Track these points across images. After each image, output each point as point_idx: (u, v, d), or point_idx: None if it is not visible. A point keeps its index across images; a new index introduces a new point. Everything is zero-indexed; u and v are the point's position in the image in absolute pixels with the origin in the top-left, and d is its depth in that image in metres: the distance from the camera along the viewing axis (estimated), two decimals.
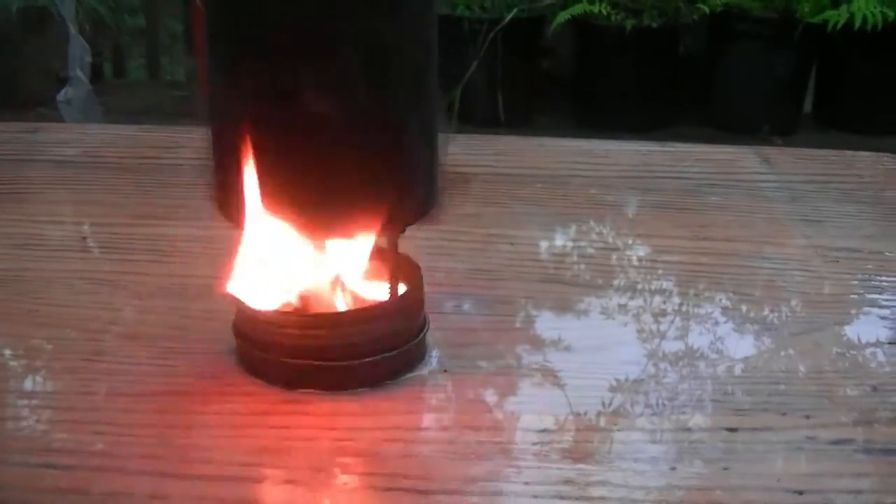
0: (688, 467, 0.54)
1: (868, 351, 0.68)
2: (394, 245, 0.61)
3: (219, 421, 0.59)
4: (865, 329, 0.71)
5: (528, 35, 3.68)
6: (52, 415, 0.60)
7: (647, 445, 0.57)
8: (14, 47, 3.95)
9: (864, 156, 1.09)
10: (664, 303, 0.75)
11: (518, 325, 0.72)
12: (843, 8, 3.53)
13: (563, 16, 3.55)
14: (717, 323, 0.72)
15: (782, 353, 0.68)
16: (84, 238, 0.86)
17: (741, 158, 1.07)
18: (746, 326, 0.71)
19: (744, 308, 0.74)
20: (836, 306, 0.75)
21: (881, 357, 0.67)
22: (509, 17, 3.50)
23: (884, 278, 0.79)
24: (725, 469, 0.54)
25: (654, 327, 0.71)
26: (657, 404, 0.61)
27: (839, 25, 3.48)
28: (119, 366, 0.65)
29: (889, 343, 0.69)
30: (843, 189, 0.99)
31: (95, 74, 3.97)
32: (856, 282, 0.79)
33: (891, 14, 3.47)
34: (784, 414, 0.59)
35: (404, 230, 0.61)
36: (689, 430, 0.58)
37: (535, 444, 0.57)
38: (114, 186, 0.97)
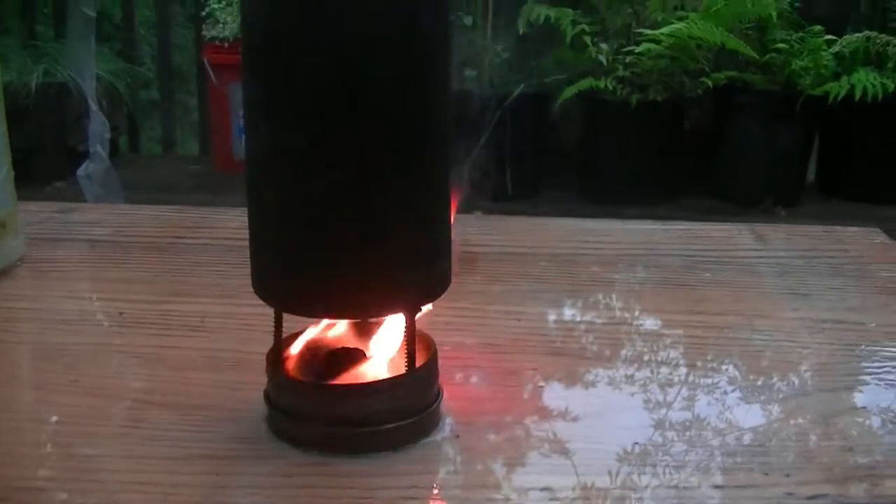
0: None
1: (846, 415, 0.73)
2: (411, 322, 0.66)
3: (253, 481, 0.64)
4: (845, 395, 0.77)
5: (535, 110, 3.75)
6: (99, 475, 0.65)
7: (639, 500, 0.62)
8: (32, 122, 4.02)
9: (853, 231, 1.15)
10: (662, 373, 0.81)
11: (525, 394, 0.78)
12: (844, 80, 3.60)
13: (569, 91, 3.62)
14: (709, 391, 0.78)
15: (768, 418, 0.73)
16: (121, 314, 0.91)
17: (736, 235, 1.13)
18: (736, 393, 0.77)
19: (734, 376, 0.80)
20: (819, 374, 0.81)
21: (858, 420, 0.73)
22: (516, 92, 3.57)
23: (864, 347, 0.85)
24: None
25: (652, 396, 0.77)
26: (653, 464, 0.66)
27: (840, 97, 3.55)
28: (159, 432, 0.70)
29: (863, 408, 0.74)
30: (830, 263, 1.05)
31: (112, 149, 4.04)
32: (838, 351, 0.84)
33: (891, 85, 3.54)
34: (766, 473, 0.65)
35: (421, 309, 0.67)
36: (679, 487, 0.63)
37: (539, 499, 0.62)
38: (145, 265, 1.04)
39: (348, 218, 0.62)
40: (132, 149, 4.97)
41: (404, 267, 0.64)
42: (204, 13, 4.43)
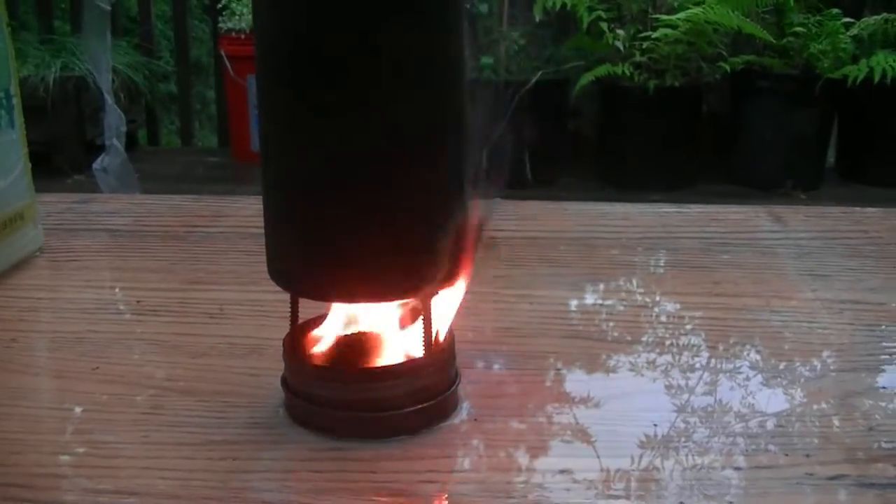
0: (695, 501, 0.60)
1: (867, 396, 0.73)
2: (428, 306, 0.66)
3: (271, 466, 0.65)
4: (865, 375, 0.76)
5: (553, 97, 3.75)
6: (118, 462, 0.65)
7: (659, 482, 0.62)
8: (51, 117, 4.04)
9: (872, 212, 1.15)
10: (681, 356, 0.81)
11: (544, 377, 0.77)
12: (863, 62, 3.59)
13: (587, 77, 3.62)
14: (727, 372, 0.77)
15: (788, 399, 0.73)
16: (138, 302, 0.92)
17: (753, 218, 1.13)
18: (754, 375, 0.77)
19: (753, 359, 0.80)
20: (838, 355, 0.80)
21: (878, 400, 0.72)
22: (534, 80, 3.57)
23: (884, 327, 0.85)
24: (730, 503, 0.60)
25: (670, 378, 0.77)
26: (674, 448, 0.66)
27: (859, 80, 3.54)
28: (177, 418, 0.70)
29: (883, 388, 0.74)
30: (849, 244, 1.05)
31: (130, 142, 4.05)
32: (858, 332, 0.84)
33: None
34: (787, 454, 0.65)
35: (437, 293, 0.67)
36: (698, 468, 0.63)
37: (558, 481, 0.62)
38: (164, 254, 1.04)
39: (362, 203, 0.62)
40: (151, 141, 4.99)
41: (420, 251, 0.64)
42: (220, 5, 4.44)
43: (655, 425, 0.69)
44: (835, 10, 3.73)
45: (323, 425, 0.67)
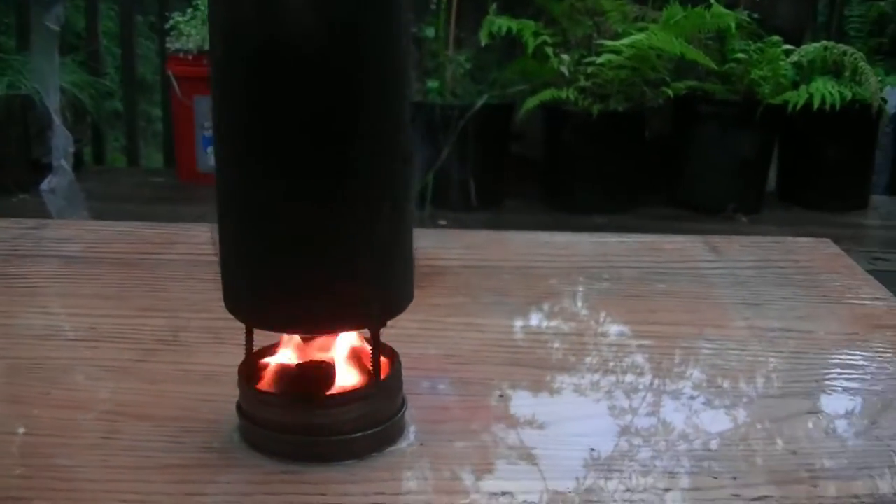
0: None
1: (790, 420, 0.77)
2: (375, 335, 0.69)
3: (226, 489, 0.67)
4: (790, 401, 0.80)
5: (498, 121, 3.77)
6: (76, 485, 0.67)
7: (598, 503, 0.66)
8: None
9: (804, 241, 1.19)
10: (613, 382, 0.84)
11: (486, 402, 0.80)
12: (803, 89, 3.65)
13: (532, 101, 3.64)
14: (660, 398, 0.81)
15: (715, 425, 0.77)
16: (92, 328, 0.94)
17: (690, 248, 1.17)
18: (685, 401, 0.80)
19: (683, 385, 0.83)
20: (765, 382, 0.84)
21: (802, 425, 0.76)
22: (480, 103, 3.59)
23: (811, 355, 0.89)
24: None
25: (604, 403, 0.80)
26: (606, 469, 0.69)
27: (799, 106, 3.59)
28: (134, 443, 0.72)
29: (807, 413, 0.78)
30: (781, 273, 1.09)
31: (76, 161, 4.03)
32: (786, 359, 0.88)
33: (848, 94, 3.58)
34: (715, 477, 0.68)
35: (385, 324, 0.70)
36: (630, 490, 0.67)
37: (500, 502, 0.65)
38: (116, 281, 1.06)
39: (311, 236, 0.65)
40: (97, 160, 4.95)
41: (368, 283, 0.67)
42: (167, 26, 4.44)
43: (592, 449, 0.72)
44: (776, 38, 3.79)
45: (276, 450, 0.70)
